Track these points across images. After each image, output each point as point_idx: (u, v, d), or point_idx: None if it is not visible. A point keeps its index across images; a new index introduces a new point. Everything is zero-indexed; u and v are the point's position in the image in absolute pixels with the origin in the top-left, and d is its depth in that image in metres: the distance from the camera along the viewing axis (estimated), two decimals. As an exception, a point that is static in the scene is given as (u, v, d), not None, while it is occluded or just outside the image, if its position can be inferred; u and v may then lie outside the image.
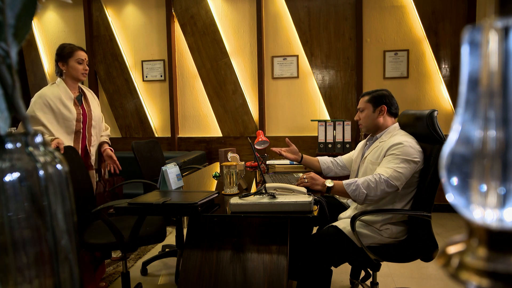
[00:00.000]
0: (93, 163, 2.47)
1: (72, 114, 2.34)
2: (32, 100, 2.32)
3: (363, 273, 2.35)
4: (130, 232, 1.98)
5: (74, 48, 2.38)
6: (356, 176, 2.07)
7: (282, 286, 1.54)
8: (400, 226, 1.87)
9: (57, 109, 2.30)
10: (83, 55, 2.39)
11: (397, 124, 2.05)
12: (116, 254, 3.00)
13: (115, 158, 2.53)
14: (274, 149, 2.35)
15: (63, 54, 2.36)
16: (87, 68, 2.42)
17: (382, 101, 2.00)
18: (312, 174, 1.92)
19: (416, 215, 1.82)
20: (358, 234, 1.77)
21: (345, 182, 1.82)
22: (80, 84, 2.50)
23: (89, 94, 2.54)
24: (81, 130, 2.38)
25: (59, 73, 2.40)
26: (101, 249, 2.23)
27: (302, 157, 2.35)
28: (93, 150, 2.46)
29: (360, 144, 2.22)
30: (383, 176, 1.76)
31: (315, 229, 2.30)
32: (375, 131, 2.06)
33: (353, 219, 1.72)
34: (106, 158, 2.52)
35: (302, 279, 1.79)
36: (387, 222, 1.85)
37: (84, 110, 2.44)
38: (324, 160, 2.33)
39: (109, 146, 2.59)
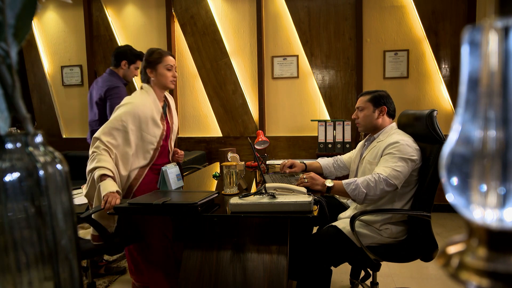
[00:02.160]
0: None
1: (157, 133, 2.07)
2: (122, 109, 2.00)
3: (363, 273, 2.35)
4: (118, 233, 1.93)
5: (163, 53, 2.14)
6: (355, 176, 2.08)
7: (282, 286, 1.54)
8: (400, 226, 1.87)
9: (145, 129, 2.02)
10: (172, 60, 2.15)
11: (394, 124, 2.05)
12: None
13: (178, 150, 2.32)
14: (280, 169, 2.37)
15: (152, 59, 2.11)
16: (176, 74, 2.18)
17: (382, 101, 2.00)
18: (312, 174, 1.92)
19: (416, 215, 1.82)
20: (358, 234, 1.77)
21: (344, 181, 1.82)
22: None
23: (171, 101, 2.27)
24: (160, 148, 2.11)
25: (146, 80, 2.15)
26: (88, 256, 2.04)
27: (306, 166, 2.36)
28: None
29: (359, 145, 2.23)
30: (382, 175, 1.76)
31: (315, 229, 2.30)
32: (372, 131, 2.06)
33: (353, 219, 1.72)
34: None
35: (302, 279, 1.79)
36: (386, 222, 1.86)
37: (168, 124, 2.18)
38: (326, 165, 2.34)
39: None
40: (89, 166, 1.87)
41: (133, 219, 2.04)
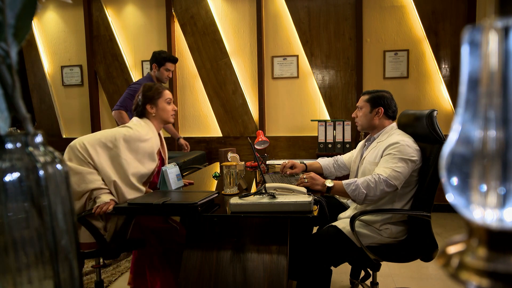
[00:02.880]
0: None
1: (151, 167, 1.99)
2: (122, 132, 1.89)
3: (363, 273, 2.35)
4: (114, 236, 1.86)
5: (162, 88, 2.09)
6: (356, 176, 2.07)
7: (282, 286, 1.54)
8: (400, 226, 1.87)
9: (142, 160, 1.94)
10: (170, 94, 2.12)
11: (394, 124, 2.05)
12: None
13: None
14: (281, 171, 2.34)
15: (152, 95, 2.05)
16: (176, 108, 2.15)
17: (380, 102, 2.00)
18: (312, 174, 1.92)
19: (416, 215, 1.82)
20: (358, 234, 1.77)
21: (344, 182, 1.82)
22: None
23: (162, 136, 2.20)
24: (149, 183, 2.07)
25: (142, 114, 2.07)
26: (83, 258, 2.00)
27: (306, 166, 2.36)
28: None
29: (360, 145, 2.23)
30: (382, 176, 1.76)
31: (315, 229, 2.30)
32: (370, 130, 2.07)
33: (353, 219, 1.72)
34: None
35: (302, 279, 1.79)
36: (386, 222, 1.85)
37: (161, 159, 2.12)
38: (326, 165, 2.34)
39: None
40: (82, 186, 1.76)
41: (132, 225, 1.99)
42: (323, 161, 2.37)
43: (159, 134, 2.12)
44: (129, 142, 1.89)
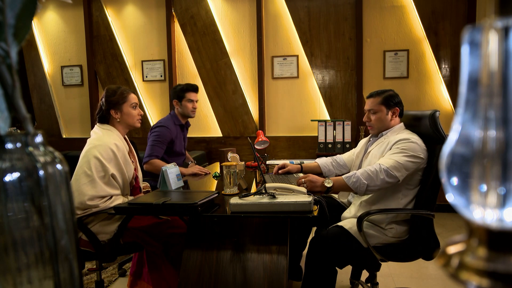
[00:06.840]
0: None
1: (131, 172, 1.98)
2: (96, 153, 1.83)
3: (365, 274, 2.34)
4: (110, 240, 1.86)
5: (126, 92, 2.02)
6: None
7: (282, 286, 1.54)
8: (403, 225, 1.87)
9: (125, 166, 1.93)
10: (136, 98, 2.06)
11: (402, 124, 2.05)
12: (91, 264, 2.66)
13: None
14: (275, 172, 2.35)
15: (116, 100, 1.98)
16: (141, 112, 2.10)
17: (395, 102, 2.00)
18: (310, 177, 1.89)
19: (421, 214, 1.82)
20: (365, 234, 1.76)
21: (344, 175, 1.82)
22: None
23: (129, 143, 2.13)
24: (132, 189, 2.05)
25: (104, 120, 2.01)
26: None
27: (302, 166, 2.35)
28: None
29: (363, 141, 2.22)
30: (383, 166, 1.76)
31: (314, 230, 2.29)
32: (383, 131, 2.06)
33: (360, 220, 1.72)
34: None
35: (307, 279, 1.78)
36: (392, 220, 1.85)
37: (136, 164, 2.08)
38: (325, 164, 2.33)
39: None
40: (109, 205, 1.81)
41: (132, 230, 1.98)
42: (321, 160, 2.36)
43: (125, 139, 2.06)
44: (109, 155, 1.86)
